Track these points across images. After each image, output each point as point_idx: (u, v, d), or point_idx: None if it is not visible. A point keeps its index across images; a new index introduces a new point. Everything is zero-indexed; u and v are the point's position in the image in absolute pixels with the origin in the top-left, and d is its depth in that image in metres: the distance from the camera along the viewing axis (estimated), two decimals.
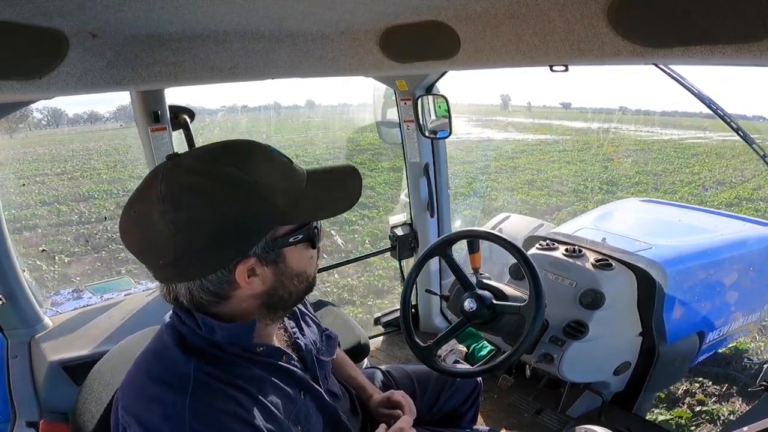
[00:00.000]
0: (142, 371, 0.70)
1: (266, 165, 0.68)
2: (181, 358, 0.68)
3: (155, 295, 1.81)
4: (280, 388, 0.74)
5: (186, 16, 0.93)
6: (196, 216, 0.62)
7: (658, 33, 0.78)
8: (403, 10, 1.03)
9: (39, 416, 1.44)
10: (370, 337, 2.28)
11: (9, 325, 1.52)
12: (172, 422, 0.63)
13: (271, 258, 0.68)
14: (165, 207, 0.61)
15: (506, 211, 2.88)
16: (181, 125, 1.67)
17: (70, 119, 26.87)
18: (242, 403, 0.66)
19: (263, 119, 22.46)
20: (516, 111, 32.01)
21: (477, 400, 1.31)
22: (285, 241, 0.68)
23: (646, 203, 2.92)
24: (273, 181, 0.66)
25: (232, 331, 0.69)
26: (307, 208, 0.70)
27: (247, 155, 0.67)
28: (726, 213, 2.80)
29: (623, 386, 1.81)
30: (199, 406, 0.63)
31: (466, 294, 1.35)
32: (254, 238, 0.65)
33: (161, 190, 0.62)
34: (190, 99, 3.45)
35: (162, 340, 0.72)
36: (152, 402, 0.65)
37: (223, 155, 0.66)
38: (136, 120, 1.62)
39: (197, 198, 0.62)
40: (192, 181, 0.63)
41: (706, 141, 15.92)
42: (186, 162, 0.65)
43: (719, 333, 2.12)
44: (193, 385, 0.65)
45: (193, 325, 0.70)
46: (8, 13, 0.75)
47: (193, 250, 0.63)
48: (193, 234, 0.62)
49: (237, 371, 0.69)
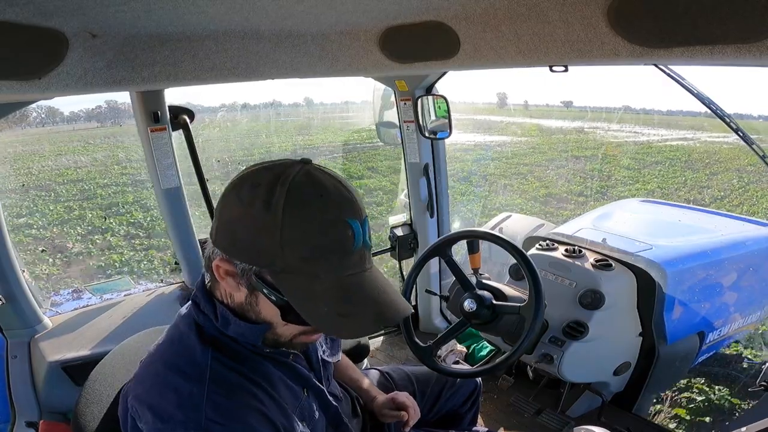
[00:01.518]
0: (158, 360, 0.71)
1: (316, 224, 0.61)
2: (198, 347, 0.69)
3: (155, 295, 1.81)
4: (288, 385, 0.75)
5: (186, 16, 0.93)
6: (232, 205, 0.65)
7: (658, 33, 0.78)
8: (403, 10, 1.03)
9: (39, 416, 1.44)
10: (370, 337, 2.28)
11: (9, 325, 1.52)
12: (187, 411, 0.63)
13: (247, 284, 0.66)
14: (236, 186, 0.65)
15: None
16: (181, 125, 1.67)
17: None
18: (259, 398, 0.68)
19: (263, 117, 22.16)
20: (513, 109, 31.42)
21: (477, 401, 1.31)
22: (260, 286, 0.64)
23: (646, 203, 2.92)
24: (303, 241, 0.61)
25: (244, 330, 0.70)
26: (295, 289, 0.63)
27: (310, 203, 0.62)
28: (726, 213, 2.80)
29: (623, 386, 1.81)
30: (217, 398, 0.64)
31: (466, 294, 1.36)
32: (242, 257, 0.64)
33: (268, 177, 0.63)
34: (190, 98, 3.38)
35: (179, 329, 0.73)
36: (167, 390, 0.66)
37: (287, 187, 0.62)
38: (136, 120, 1.63)
39: (246, 195, 0.64)
40: (263, 181, 0.63)
41: (688, 144, 15.14)
42: (303, 174, 0.63)
43: (719, 333, 2.12)
44: (210, 376, 0.66)
45: (210, 315, 0.71)
46: (8, 13, 0.75)
47: (218, 227, 0.67)
48: (224, 215, 0.66)
49: (250, 365, 0.71)
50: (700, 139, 15.60)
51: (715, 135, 14.80)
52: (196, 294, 0.73)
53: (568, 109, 31.23)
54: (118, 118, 18.45)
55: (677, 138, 16.30)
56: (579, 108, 32.48)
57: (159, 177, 1.66)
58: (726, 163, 11.63)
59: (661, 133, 17.51)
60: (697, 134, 16.43)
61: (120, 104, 19.35)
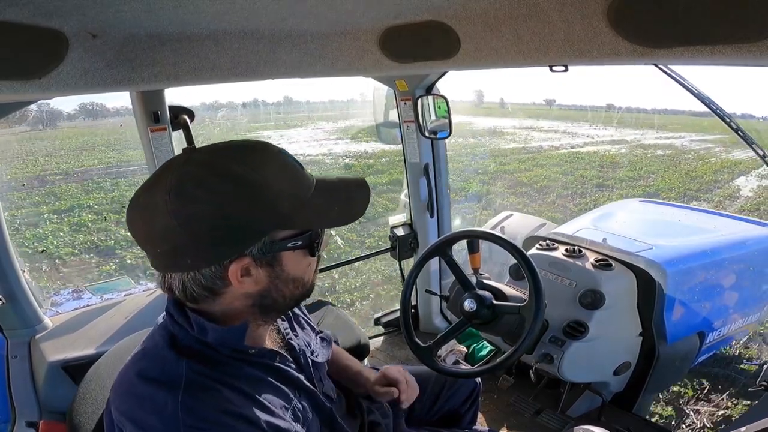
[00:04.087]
0: (132, 371, 0.70)
1: (275, 168, 0.69)
2: (172, 358, 0.68)
3: (155, 296, 1.81)
4: (276, 387, 0.74)
5: (186, 16, 0.93)
6: (198, 210, 0.63)
7: (658, 33, 0.78)
8: (403, 10, 1.03)
9: (39, 416, 1.44)
10: (370, 337, 2.28)
11: (9, 325, 1.52)
12: (164, 420, 0.63)
13: (267, 260, 0.68)
14: (170, 198, 0.62)
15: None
16: (181, 125, 1.67)
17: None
18: (234, 401, 0.66)
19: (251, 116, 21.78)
20: (489, 107, 30.41)
21: (477, 401, 1.31)
22: (283, 245, 0.68)
23: (645, 203, 2.92)
24: (279, 185, 0.67)
25: (223, 334, 0.70)
26: (309, 215, 0.70)
27: (258, 156, 0.68)
28: (726, 213, 2.80)
29: (623, 386, 1.81)
30: (190, 402, 0.63)
31: (466, 294, 1.35)
32: (252, 238, 0.66)
33: (170, 181, 0.63)
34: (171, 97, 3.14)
35: (153, 339, 0.73)
36: (144, 401, 0.65)
37: (234, 153, 0.68)
38: (136, 120, 1.63)
39: (201, 192, 0.63)
40: (200, 175, 0.64)
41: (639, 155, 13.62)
42: (198, 156, 0.67)
43: (719, 333, 2.12)
44: (185, 383, 0.65)
45: (185, 325, 0.70)
46: (8, 13, 0.75)
47: (190, 243, 0.63)
48: (193, 227, 0.63)
49: (230, 371, 0.69)
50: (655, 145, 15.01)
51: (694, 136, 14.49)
52: (168, 305, 0.73)
53: (551, 107, 30.43)
54: (53, 121, 17.14)
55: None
56: (560, 107, 31.87)
57: None
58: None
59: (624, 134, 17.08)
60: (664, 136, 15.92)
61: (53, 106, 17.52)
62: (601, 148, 14.72)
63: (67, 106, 24.08)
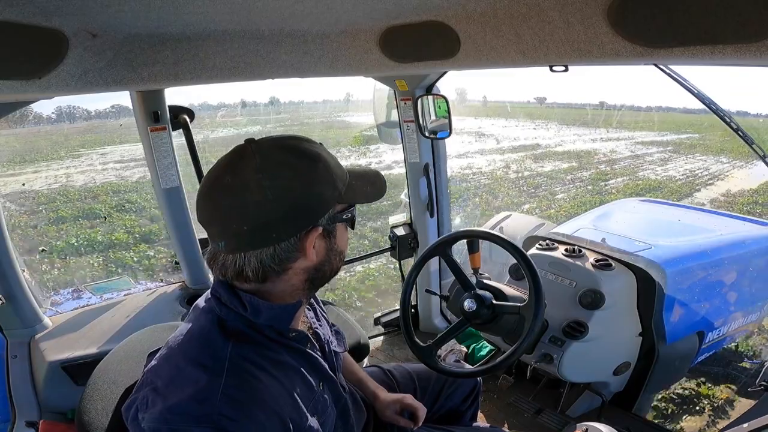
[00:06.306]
0: (178, 353, 0.71)
1: (326, 150, 0.78)
2: (219, 340, 0.70)
3: (156, 295, 1.81)
4: (304, 377, 0.77)
5: (186, 16, 0.93)
6: (287, 184, 0.69)
7: (659, 33, 0.78)
8: (403, 10, 1.03)
9: (39, 416, 1.44)
10: (370, 337, 2.28)
11: (9, 325, 1.52)
12: (203, 405, 0.64)
13: (330, 231, 0.75)
14: (262, 176, 0.68)
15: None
16: (181, 125, 1.67)
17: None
18: (272, 391, 0.69)
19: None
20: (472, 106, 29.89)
21: (477, 399, 1.31)
22: (339, 217, 0.77)
23: (645, 203, 2.92)
24: (333, 165, 0.76)
25: (276, 313, 0.73)
26: (354, 192, 0.78)
27: (314, 142, 0.77)
28: (725, 213, 2.80)
29: (623, 386, 1.81)
30: (233, 392, 0.65)
31: (466, 294, 1.35)
32: (325, 209, 0.73)
33: (258, 162, 0.69)
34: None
35: (199, 322, 0.74)
36: (186, 383, 0.66)
37: (301, 139, 0.76)
38: (137, 120, 1.63)
39: (286, 168, 0.70)
40: (283, 156, 0.71)
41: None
42: (267, 140, 0.73)
43: (719, 333, 2.12)
44: (228, 368, 0.67)
45: (235, 306, 0.72)
46: (8, 13, 0.75)
47: (279, 216, 0.69)
48: (282, 201, 0.69)
49: (270, 355, 0.73)
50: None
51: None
52: (216, 289, 0.75)
53: (541, 105, 29.62)
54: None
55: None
56: (551, 105, 31.24)
57: (159, 177, 1.66)
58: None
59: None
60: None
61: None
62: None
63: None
